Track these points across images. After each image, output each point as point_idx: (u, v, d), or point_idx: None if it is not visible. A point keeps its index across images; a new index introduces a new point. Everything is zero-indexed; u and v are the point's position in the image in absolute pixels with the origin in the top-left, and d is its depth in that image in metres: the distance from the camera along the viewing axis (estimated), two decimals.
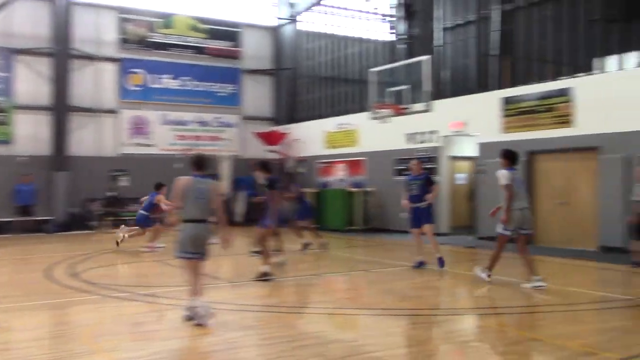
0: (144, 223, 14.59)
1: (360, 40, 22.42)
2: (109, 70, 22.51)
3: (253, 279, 9.88)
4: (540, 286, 8.99)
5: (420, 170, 11.45)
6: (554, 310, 7.86)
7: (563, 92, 14.37)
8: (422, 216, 11.15)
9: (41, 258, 13.64)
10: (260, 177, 10.57)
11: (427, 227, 11.17)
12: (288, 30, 25.66)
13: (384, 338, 6.64)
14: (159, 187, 14.59)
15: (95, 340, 6.44)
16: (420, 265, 11.14)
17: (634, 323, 7.17)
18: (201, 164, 7.29)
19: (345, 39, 23.07)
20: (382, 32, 21.57)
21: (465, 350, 6.08)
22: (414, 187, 11.25)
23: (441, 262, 10.96)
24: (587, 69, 14.79)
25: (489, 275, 9.58)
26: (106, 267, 12.37)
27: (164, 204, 13.98)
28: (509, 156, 9.45)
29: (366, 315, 7.82)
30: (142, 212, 14.68)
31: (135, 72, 22.88)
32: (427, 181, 11.26)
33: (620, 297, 8.70)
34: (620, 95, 13.29)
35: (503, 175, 9.20)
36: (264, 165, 10.73)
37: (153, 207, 14.50)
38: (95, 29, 22.17)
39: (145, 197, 14.83)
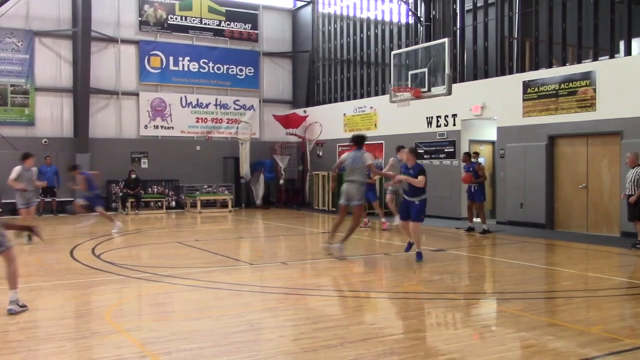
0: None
1: (380, 23, 22.26)
2: (129, 53, 22.62)
3: None
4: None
5: (414, 161, 10.48)
6: (574, 295, 7.83)
7: (585, 76, 14.19)
8: (410, 210, 10.37)
9: (65, 238, 13.84)
10: None
11: (412, 224, 10.40)
12: (306, 12, 25.55)
13: (402, 321, 6.67)
14: (74, 168, 15.17)
15: (117, 320, 6.54)
16: (410, 247, 10.82)
17: None
18: None
19: (364, 21, 22.92)
20: (402, 14, 21.39)
21: (483, 335, 6.09)
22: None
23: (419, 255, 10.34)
24: (609, 52, 14.58)
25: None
26: (127, 248, 12.54)
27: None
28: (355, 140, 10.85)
29: (385, 299, 7.85)
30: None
31: (154, 55, 22.96)
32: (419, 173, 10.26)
33: None
34: None
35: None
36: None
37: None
38: (115, 11, 22.27)
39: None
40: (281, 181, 23.38)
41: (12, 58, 20.53)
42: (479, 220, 14.81)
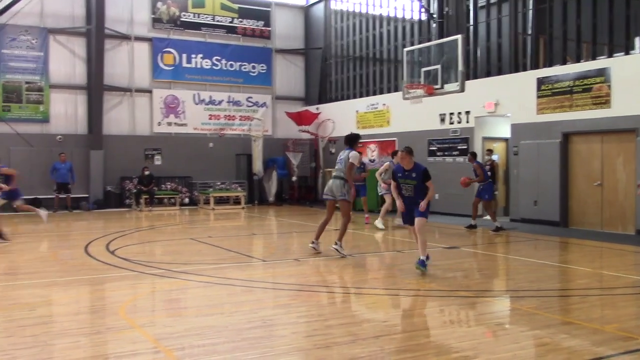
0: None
1: (392, 19, 22.20)
2: (142, 50, 22.70)
3: None
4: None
5: (411, 162, 9.07)
6: (589, 294, 7.78)
7: (600, 73, 14.07)
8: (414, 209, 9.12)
9: (79, 235, 13.94)
10: None
11: (417, 221, 9.06)
12: (319, 9, 25.52)
13: (415, 318, 6.67)
14: None
15: (132, 316, 6.58)
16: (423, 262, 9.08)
17: None
18: None
19: (377, 17, 22.87)
20: (415, 10, 21.31)
21: (496, 333, 6.06)
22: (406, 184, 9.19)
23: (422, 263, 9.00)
24: (624, 48, 14.44)
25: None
26: (141, 245, 12.61)
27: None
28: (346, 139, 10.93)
29: (398, 296, 7.84)
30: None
31: (167, 52, 23.03)
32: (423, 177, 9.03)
33: None
34: None
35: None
36: None
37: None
38: (128, 9, 22.35)
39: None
40: (294, 178, 23.41)
41: (27, 55, 20.68)
42: (488, 218, 14.81)
